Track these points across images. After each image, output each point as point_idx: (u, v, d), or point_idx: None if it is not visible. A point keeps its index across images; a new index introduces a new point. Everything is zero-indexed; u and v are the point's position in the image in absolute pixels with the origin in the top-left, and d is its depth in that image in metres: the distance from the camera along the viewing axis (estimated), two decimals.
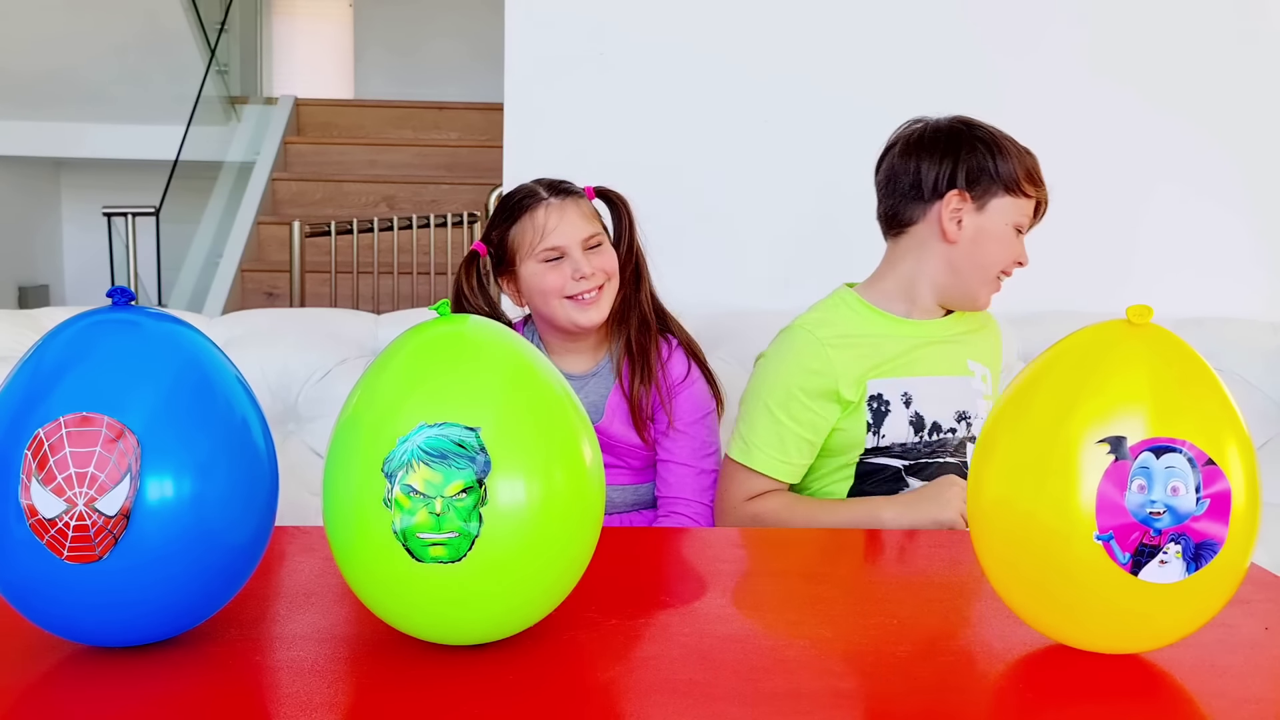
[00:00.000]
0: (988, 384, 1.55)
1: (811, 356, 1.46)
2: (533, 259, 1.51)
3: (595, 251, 1.51)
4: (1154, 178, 2.32)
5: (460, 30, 7.43)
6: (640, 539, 1.27)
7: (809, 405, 1.45)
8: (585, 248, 1.51)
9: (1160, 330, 0.84)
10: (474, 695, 0.78)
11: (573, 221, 1.51)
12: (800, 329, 1.50)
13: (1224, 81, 2.32)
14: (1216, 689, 0.84)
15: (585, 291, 1.50)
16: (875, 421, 1.47)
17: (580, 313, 1.51)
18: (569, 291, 1.50)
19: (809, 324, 1.50)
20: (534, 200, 1.53)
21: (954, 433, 1.50)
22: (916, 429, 1.48)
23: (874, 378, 1.47)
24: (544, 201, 1.52)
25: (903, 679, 0.83)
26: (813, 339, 1.47)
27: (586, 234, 1.51)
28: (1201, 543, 0.78)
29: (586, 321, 1.51)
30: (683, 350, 1.58)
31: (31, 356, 0.80)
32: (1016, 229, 1.48)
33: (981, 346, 1.56)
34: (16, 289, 7.07)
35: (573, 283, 1.49)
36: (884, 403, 1.47)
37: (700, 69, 2.24)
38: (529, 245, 1.51)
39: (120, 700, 0.77)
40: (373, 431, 0.79)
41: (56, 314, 1.98)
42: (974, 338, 1.55)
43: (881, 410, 1.47)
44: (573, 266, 1.49)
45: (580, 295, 1.50)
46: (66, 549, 0.75)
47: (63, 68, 5.93)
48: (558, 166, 2.02)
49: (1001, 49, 2.28)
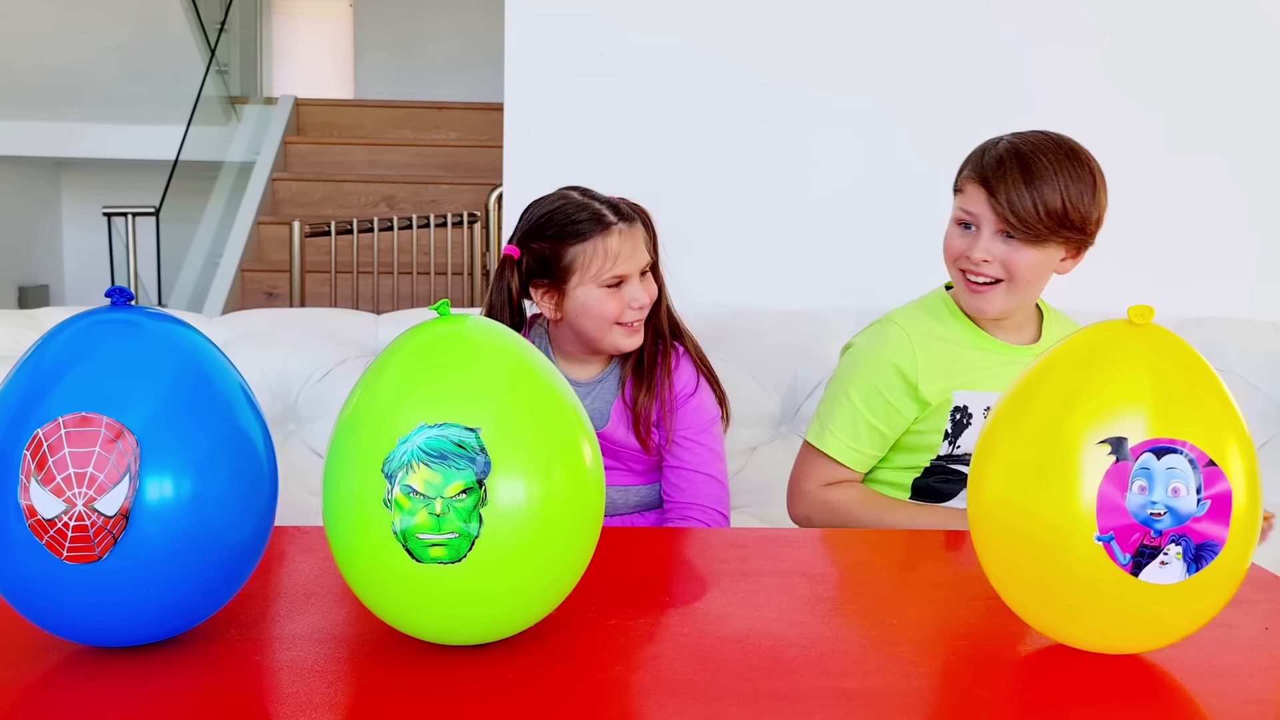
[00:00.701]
0: None
1: (898, 351, 1.47)
2: (593, 283, 1.47)
3: (648, 278, 1.51)
4: (1154, 179, 2.32)
5: (460, 30, 7.43)
6: (640, 539, 1.27)
7: (888, 399, 1.47)
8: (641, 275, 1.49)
9: (1161, 331, 0.84)
10: (474, 695, 0.78)
11: (639, 248, 1.49)
12: (892, 323, 1.51)
13: (1223, 84, 2.32)
14: (1216, 689, 0.84)
15: (637, 319, 1.49)
16: (954, 431, 1.47)
17: (627, 339, 1.50)
18: (625, 319, 1.48)
19: (901, 318, 1.51)
20: (603, 225, 1.47)
21: None
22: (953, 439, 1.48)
23: (960, 388, 1.47)
24: (616, 227, 1.47)
25: (903, 679, 0.83)
26: (903, 334, 1.48)
27: (646, 261, 1.50)
28: (1202, 544, 0.78)
29: (631, 347, 1.51)
30: (690, 360, 1.57)
31: (31, 356, 0.80)
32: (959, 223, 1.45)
33: None
34: (16, 289, 7.08)
35: (630, 310, 1.48)
36: (967, 415, 1.47)
37: (700, 69, 2.24)
38: (595, 270, 1.46)
39: (120, 700, 0.77)
40: (373, 432, 0.79)
41: (56, 314, 1.98)
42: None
43: (963, 421, 1.47)
44: (632, 295, 1.47)
45: (633, 323, 1.49)
46: (66, 549, 0.75)
47: (63, 67, 5.93)
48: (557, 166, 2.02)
49: (1003, 52, 2.28)
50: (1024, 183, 1.38)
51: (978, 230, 1.42)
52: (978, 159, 1.44)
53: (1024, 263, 1.41)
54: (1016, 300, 1.45)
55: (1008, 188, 1.38)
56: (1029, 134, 1.43)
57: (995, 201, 1.39)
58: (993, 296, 1.44)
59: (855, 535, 1.31)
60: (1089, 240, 1.43)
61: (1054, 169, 1.38)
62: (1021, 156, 1.39)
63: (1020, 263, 1.41)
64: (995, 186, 1.39)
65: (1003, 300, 1.45)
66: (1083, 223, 1.40)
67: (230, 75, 6.71)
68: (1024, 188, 1.37)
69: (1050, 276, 1.47)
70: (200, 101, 6.09)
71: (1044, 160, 1.38)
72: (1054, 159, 1.39)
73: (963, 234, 1.44)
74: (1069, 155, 1.40)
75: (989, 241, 1.41)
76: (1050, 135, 1.43)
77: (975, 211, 1.42)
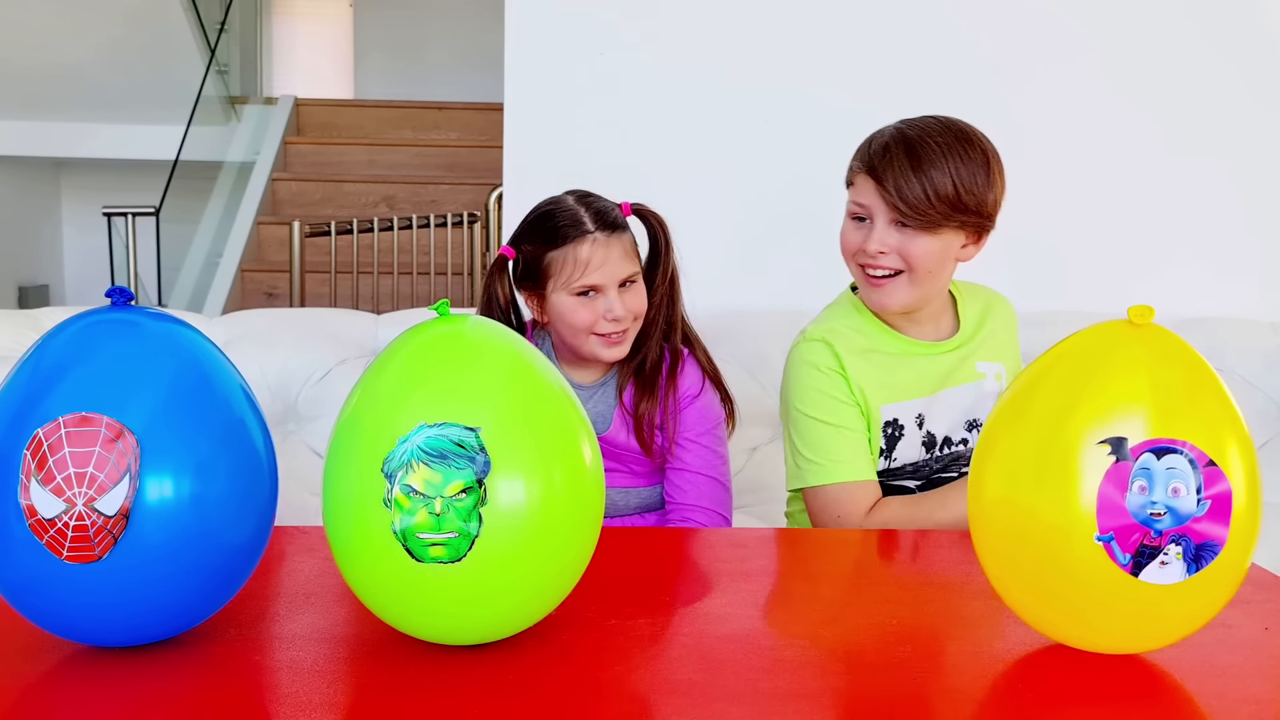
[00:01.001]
0: (1003, 380, 1.48)
1: (823, 358, 1.43)
2: (565, 290, 1.47)
3: (629, 291, 1.48)
4: (1155, 181, 2.32)
5: (460, 31, 7.43)
6: (640, 539, 1.27)
7: (840, 399, 1.42)
8: (621, 287, 1.48)
9: (1161, 331, 0.84)
10: (474, 695, 0.78)
11: (615, 261, 1.46)
12: (808, 340, 1.46)
13: (1222, 89, 2.32)
14: (1216, 689, 0.84)
15: (616, 331, 1.48)
16: (889, 446, 1.43)
17: (605, 350, 1.48)
18: (599, 330, 1.47)
19: (818, 333, 1.45)
20: (579, 233, 1.46)
21: (965, 443, 1.45)
22: (928, 447, 1.45)
23: (887, 401, 1.42)
24: (590, 236, 1.46)
25: (903, 679, 0.83)
26: (824, 347, 1.43)
27: (625, 274, 1.47)
28: (1202, 544, 0.78)
29: (610, 358, 1.50)
30: (697, 363, 1.56)
31: (31, 356, 0.80)
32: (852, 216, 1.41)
33: (989, 342, 1.49)
34: (16, 289, 7.08)
35: (604, 322, 1.46)
36: (898, 427, 1.43)
37: (700, 69, 2.24)
38: (565, 277, 1.46)
39: (120, 700, 0.77)
40: (373, 431, 0.79)
41: (56, 314, 1.98)
42: (980, 336, 1.49)
43: (895, 435, 1.43)
44: (606, 306, 1.46)
45: (611, 334, 1.48)
46: (66, 549, 0.75)
47: (63, 67, 5.93)
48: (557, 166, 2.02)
49: (1004, 54, 2.28)
50: (911, 169, 1.33)
51: (871, 222, 1.37)
52: (865, 149, 1.39)
53: (920, 251, 1.36)
54: (920, 292, 1.40)
55: (895, 175, 1.33)
56: (916, 119, 1.38)
57: (884, 190, 1.34)
58: (894, 290, 1.39)
59: (855, 535, 1.31)
60: (988, 224, 1.39)
61: (942, 153, 1.33)
62: (908, 142, 1.35)
63: (917, 252, 1.36)
64: (883, 175, 1.34)
65: (905, 293, 1.39)
66: (978, 206, 1.35)
67: (230, 75, 6.71)
68: (912, 174, 1.33)
69: (954, 265, 1.42)
70: (200, 101, 6.09)
71: (931, 144, 1.34)
72: (942, 142, 1.34)
73: (857, 227, 1.40)
74: (958, 138, 1.35)
75: (883, 232, 1.36)
76: (938, 119, 1.38)
77: (866, 203, 1.37)
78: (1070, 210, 2.32)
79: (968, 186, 1.34)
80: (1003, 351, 1.50)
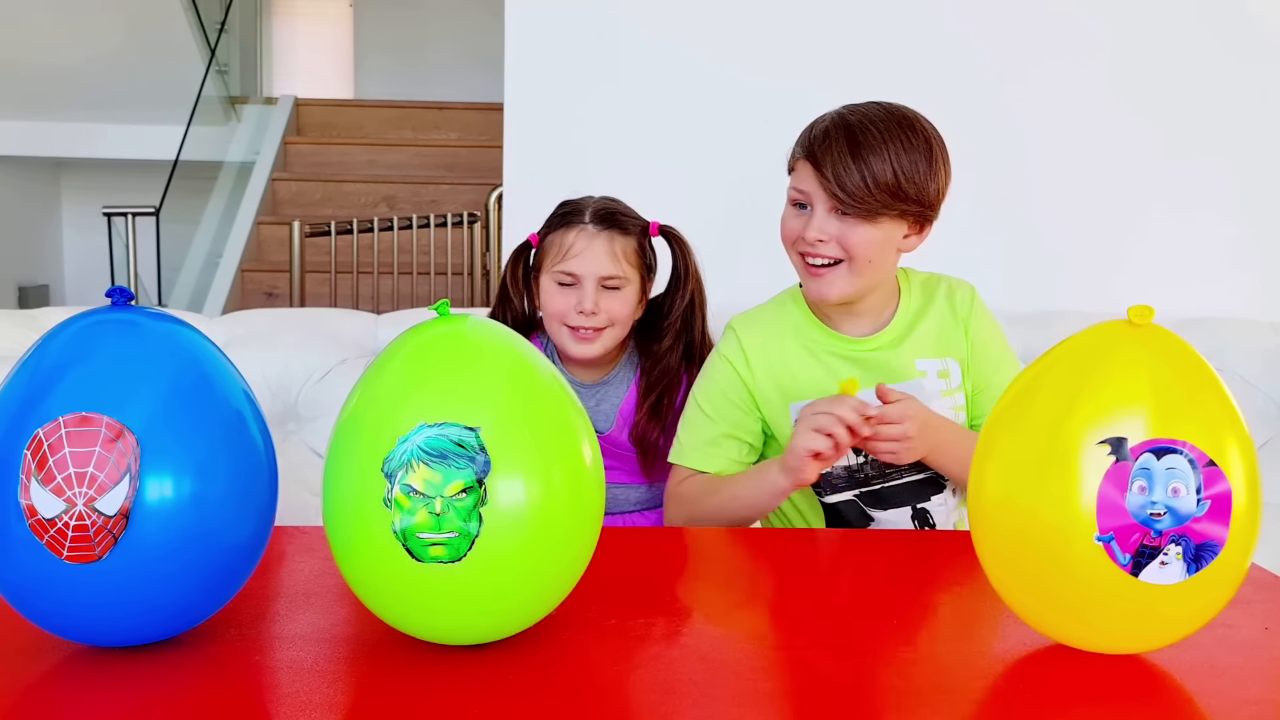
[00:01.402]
0: (949, 378, 1.41)
1: (736, 357, 1.41)
2: (549, 274, 1.51)
3: (610, 293, 1.50)
4: (1156, 182, 2.32)
5: (460, 31, 7.43)
6: (640, 539, 1.27)
7: (736, 404, 1.40)
8: (601, 285, 1.49)
9: (1161, 331, 0.84)
10: (474, 695, 0.78)
11: (597, 255, 1.49)
12: (731, 330, 1.44)
13: (1223, 90, 2.32)
14: (1216, 689, 0.84)
15: (585, 327, 1.49)
16: None
17: (574, 344, 1.51)
18: (570, 321, 1.49)
19: (740, 324, 1.44)
20: (573, 219, 1.51)
21: None
22: (857, 450, 1.34)
23: (797, 399, 1.38)
24: (581, 225, 1.50)
25: (903, 679, 0.83)
26: (737, 343, 1.42)
27: (607, 273, 1.49)
28: (1202, 544, 0.78)
29: (577, 354, 1.51)
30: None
31: (31, 356, 0.80)
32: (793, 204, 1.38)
33: (932, 337, 1.42)
34: (16, 289, 7.08)
35: (575, 314, 1.49)
36: None
37: (700, 69, 2.24)
38: (550, 259, 1.51)
39: (120, 700, 0.77)
40: (373, 431, 0.79)
41: (56, 314, 1.98)
42: (917, 332, 1.42)
43: None
44: (580, 298, 1.48)
45: (580, 329, 1.50)
46: (66, 549, 0.75)
47: (64, 68, 5.93)
48: (557, 166, 2.03)
49: (1004, 54, 2.28)
50: (851, 156, 1.29)
51: (811, 209, 1.34)
52: (806, 134, 1.36)
53: (860, 240, 1.32)
54: (859, 282, 1.36)
55: (834, 162, 1.30)
56: (860, 104, 1.35)
57: (823, 178, 1.30)
58: (833, 279, 1.35)
59: (855, 535, 1.31)
60: (930, 214, 1.35)
61: (883, 139, 1.30)
62: (849, 128, 1.31)
63: (856, 241, 1.32)
64: (822, 162, 1.30)
65: (844, 283, 1.35)
66: (919, 195, 1.31)
67: (230, 75, 6.71)
68: (851, 161, 1.29)
69: (896, 255, 1.38)
70: (200, 101, 6.09)
71: (872, 131, 1.30)
72: (883, 129, 1.30)
73: (797, 215, 1.36)
74: (900, 124, 1.32)
75: (823, 220, 1.32)
76: (882, 104, 1.34)
77: (806, 189, 1.34)
78: (1070, 210, 2.32)
79: (909, 175, 1.30)
80: (951, 344, 1.43)
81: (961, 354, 1.43)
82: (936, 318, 1.43)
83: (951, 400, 1.41)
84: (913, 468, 1.38)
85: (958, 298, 1.45)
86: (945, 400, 1.40)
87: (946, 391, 1.41)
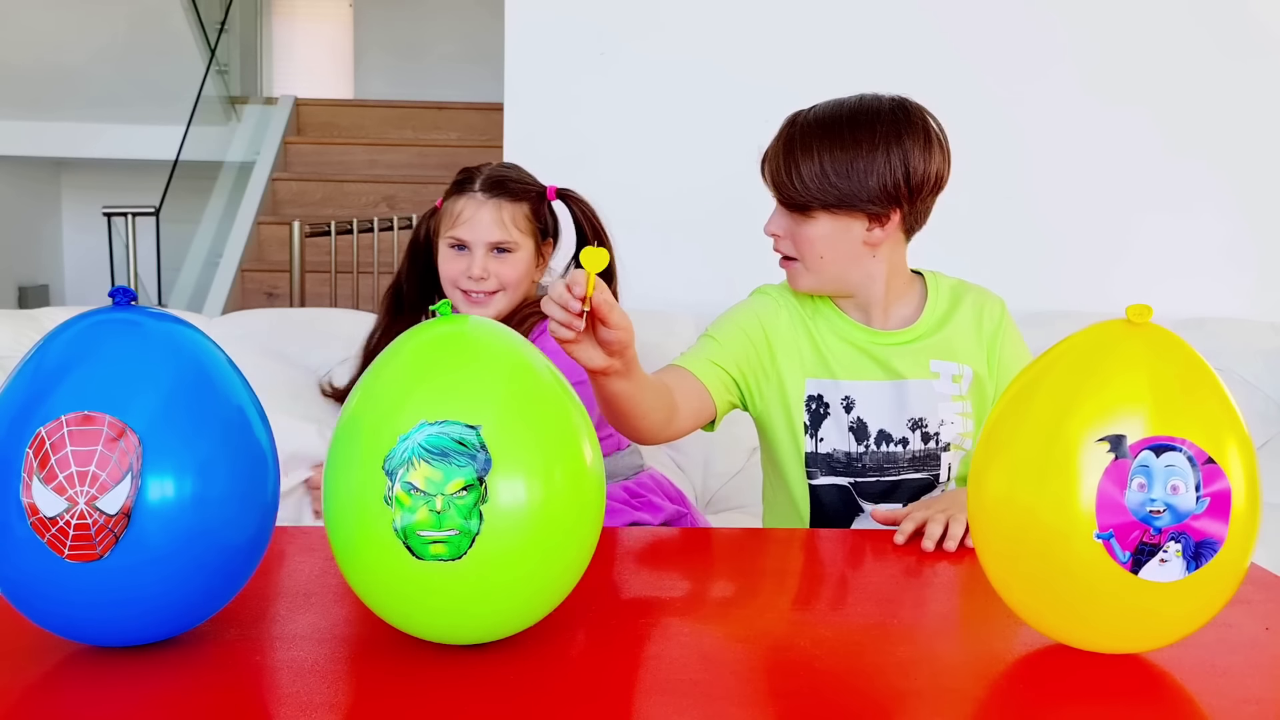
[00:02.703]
0: (961, 383, 1.40)
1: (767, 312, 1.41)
2: (443, 239, 1.59)
3: (500, 257, 1.57)
4: (1155, 182, 2.32)
5: (460, 31, 7.43)
6: (640, 539, 1.27)
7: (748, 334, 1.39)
8: (490, 249, 1.56)
9: (1160, 330, 0.84)
10: (474, 695, 0.78)
11: (484, 222, 1.56)
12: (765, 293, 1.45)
13: (1222, 90, 2.32)
14: (1216, 689, 0.84)
15: (476, 291, 1.57)
16: (812, 424, 1.39)
17: (467, 307, 1.57)
18: (461, 285, 1.57)
19: (774, 290, 1.45)
20: (464, 187, 1.59)
21: (906, 443, 1.38)
22: (859, 437, 1.37)
23: (814, 375, 1.39)
24: (470, 193, 1.58)
25: (903, 679, 0.83)
26: (773, 304, 1.42)
27: (495, 239, 1.56)
28: (1201, 541, 0.78)
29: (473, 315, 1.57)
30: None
31: (34, 356, 0.81)
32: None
33: (952, 342, 1.41)
34: (16, 289, 7.08)
35: (465, 279, 1.57)
36: (823, 404, 1.39)
37: (699, 69, 2.24)
38: (445, 225, 1.59)
39: (120, 700, 0.78)
40: (373, 430, 0.79)
41: (57, 314, 1.98)
42: (940, 335, 1.41)
43: (820, 413, 1.39)
44: (469, 263, 1.56)
45: (471, 293, 1.57)
46: (67, 548, 0.75)
47: (63, 67, 5.93)
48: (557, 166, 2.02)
49: (1003, 55, 2.28)
50: (784, 153, 1.33)
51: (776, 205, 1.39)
52: None
53: (806, 236, 1.33)
54: (826, 278, 1.37)
55: (772, 158, 1.35)
56: (827, 101, 1.37)
57: (764, 174, 1.37)
58: (795, 275, 1.38)
59: (855, 535, 1.31)
60: (881, 210, 1.32)
61: (818, 136, 1.31)
62: (792, 126, 1.35)
63: (802, 236, 1.34)
64: (766, 159, 1.37)
65: (805, 279, 1.37)
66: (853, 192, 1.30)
67: (230, 75, 6.70)
68: (783, 158, 1.33)
69: (864, 252, 1.35)
70: (200, 101, 6.09)
71: (812, 128, 1.33)
72: (820, 126, 1.32)
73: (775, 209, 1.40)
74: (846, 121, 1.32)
75: (777, 215, 1.37)
76: (840, 101, 1.35)
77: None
78: (1069, 211, 2.32)
79: (840, 171, 1.30)
80: (969, 353, 1.41)
81: (980, 365, 1.42)
82: (960, 325, 1.43)
83: (961, 406, 1.41)
84: (913, 467, 1.39)
85: (986, 311, 1.44)
86: (954, 405, 1.40)
87: (957, 397, 1.41)
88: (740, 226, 2.27)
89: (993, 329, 1.43)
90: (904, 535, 1.20)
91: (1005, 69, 2.27)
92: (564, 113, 2.24)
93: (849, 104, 1.35)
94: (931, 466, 1.39)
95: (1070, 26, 2.29)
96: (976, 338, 1.43)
